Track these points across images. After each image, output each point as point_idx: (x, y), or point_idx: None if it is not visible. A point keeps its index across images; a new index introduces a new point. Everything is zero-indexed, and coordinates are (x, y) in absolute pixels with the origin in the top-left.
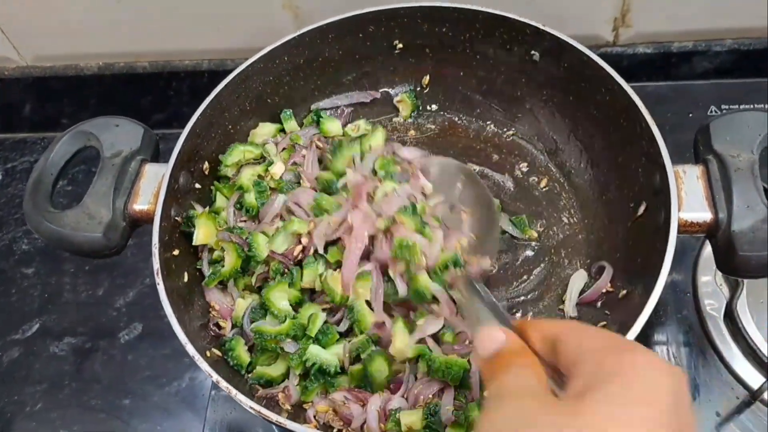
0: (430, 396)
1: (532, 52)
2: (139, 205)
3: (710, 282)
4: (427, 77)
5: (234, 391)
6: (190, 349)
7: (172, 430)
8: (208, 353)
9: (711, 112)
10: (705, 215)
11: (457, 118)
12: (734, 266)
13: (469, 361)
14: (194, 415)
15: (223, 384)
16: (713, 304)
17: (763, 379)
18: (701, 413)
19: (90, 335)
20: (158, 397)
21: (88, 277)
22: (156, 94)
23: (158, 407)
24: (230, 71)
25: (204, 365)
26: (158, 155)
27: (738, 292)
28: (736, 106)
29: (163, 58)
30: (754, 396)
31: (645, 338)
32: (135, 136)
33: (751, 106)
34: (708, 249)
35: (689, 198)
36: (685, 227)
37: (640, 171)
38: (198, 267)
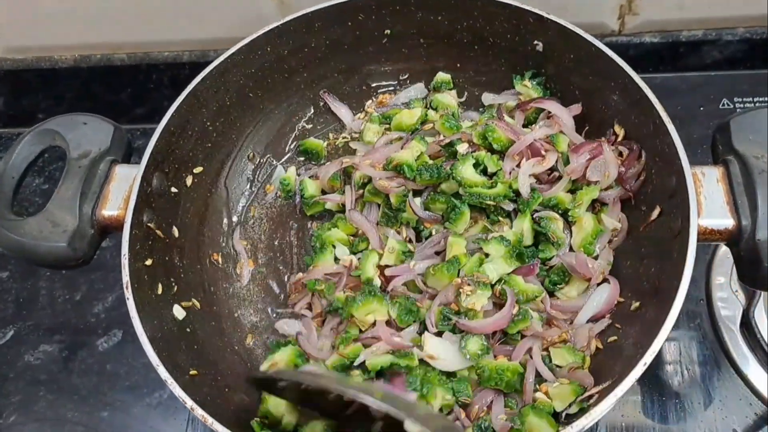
0: (485, 408)
1: (536, 42)
2: (109, 211)
3: (725, 288)
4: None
5: (210, 420)
6: (162, 371)
7: None
8: (191, 371)
9: (723, 105)
10: (726, 222)
11: None
12: (759, 279)
13: (521, 363)
14: (176, 429)
15: (199, 412)
16: (729, 313)
17: None
18: (717, 431)
19: (67, 343)
20: (138, 408)
21: (65, 281)
22: (135, 88)
23: (138, 420)
24: (212, 62)
25: (177, 390)
26: (130, 156)
27: (755, 299)
28: (750, 99)
29: (141, 50)
30: None
31: None
32: (104, 134)
33: (766, 99)
34: (722, 251)
35: (709, 203)
36: (704, 235)
37: (653, 171)
38: (173, 279)
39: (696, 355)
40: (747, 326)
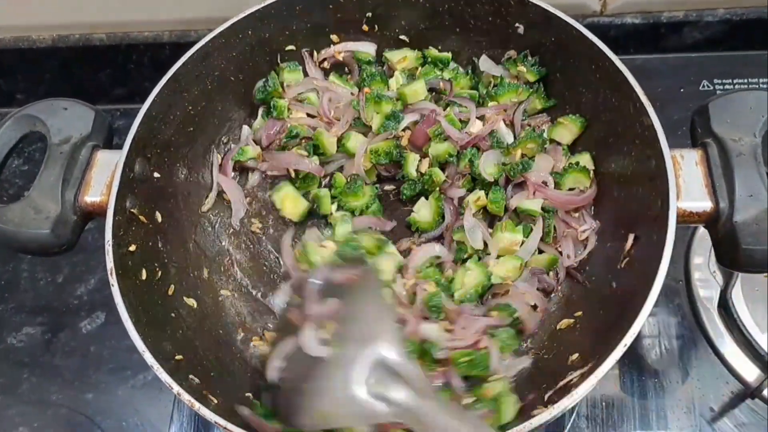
0: None
1: (517, 24)
2: (91, 197)
3: (704, 269)
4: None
5: (197, 405)
6: (149, 357)
7: (138, 426)
8: (177, 356)
9: (703, 86)
10: (705, 204)
11: None
12: (736, 260)
13: None
14: (161, 410)
15: (185, 397)
16: (707, 293)
17: (759, 372)
18: (694, 409)
19: (50, 325)
20: (123, 390)
21: (47, 263)
22: (115, 68)
23: (123, 402)
24: (193, 43)
25: (164, 376)
26: (111, 141)
27: (732, 280)
28: (729, 81)
29: (120, 30)
30: (753, 393)
31: None
32: (85, 120)
33: (745, 81)
34: (701, 232)
35: (687, 185)
36: (683, 217)
37: (633, 155)
38: (157, 264)
39: (675, 334)
40: (724, 306)
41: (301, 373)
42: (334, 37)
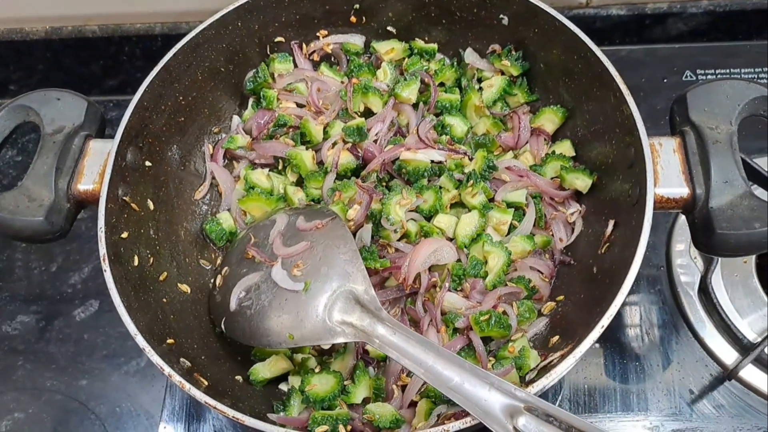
0: None
1: (501, 15)
2: (84, 185)
3: (685, 255)
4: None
5: (188, 386)
6: (140, 341)
7: (132, 411)
8: (169, 340)
9: (686, 77)
10: (682, 191)
11: None
12: (712, 245)
13: None
14: (153, 396)
15: (176, 378)
16: (687, 279)
17: (737, 355)
18: (674, 391)
19: (44, 313)
20: (116, 377)
21: (41, 252)
22: (107, 59)
23: (116, 388)
24: (184, 35)
25: (156, 358)
26: (104, 130)
27: (712, 265)
28: (712, 71)
29: (113, 22)
30: (730, 375)
31: (617, 316)
32: (78, 110)
33: (727, 71)
34: (682, 219)
35: (665, 172)
36: (660, 203)
37: (613, 142)
38: (149, 251)
39: (656, 320)
40: (704, 292)
41: (264, 301)
42: (322, 32)
